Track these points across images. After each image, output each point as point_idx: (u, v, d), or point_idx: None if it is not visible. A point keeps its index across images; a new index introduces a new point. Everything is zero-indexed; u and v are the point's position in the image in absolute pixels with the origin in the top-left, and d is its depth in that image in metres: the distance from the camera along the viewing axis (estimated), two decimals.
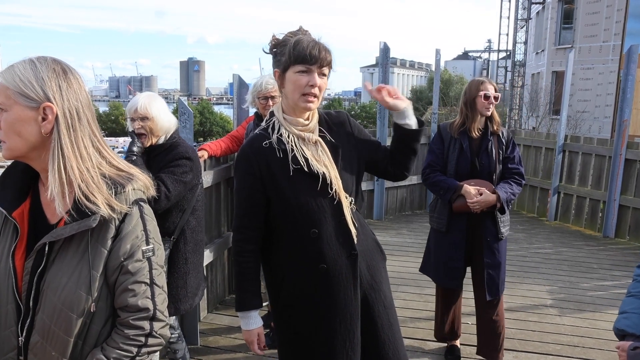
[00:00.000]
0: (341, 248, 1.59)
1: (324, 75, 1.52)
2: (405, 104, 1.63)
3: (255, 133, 1.62)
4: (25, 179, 1.14)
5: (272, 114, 1.62)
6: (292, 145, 1.54)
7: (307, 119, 1.58)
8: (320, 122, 1.62)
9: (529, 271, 4.51)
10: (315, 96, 1.51)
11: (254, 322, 1.64)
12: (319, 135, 1.59)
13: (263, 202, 1.59)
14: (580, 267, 4.67)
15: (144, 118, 2.21)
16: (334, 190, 1.55)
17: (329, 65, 1.52)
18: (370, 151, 1.71)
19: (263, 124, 1.63)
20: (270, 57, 1.63)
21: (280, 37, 1.58)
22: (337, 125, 1.65)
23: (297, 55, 1.48)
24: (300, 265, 1.60)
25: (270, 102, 2.86)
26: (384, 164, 1.72)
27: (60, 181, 1.05)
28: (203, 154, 3.10)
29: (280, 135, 1.56)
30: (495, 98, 2.62)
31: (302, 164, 1.53)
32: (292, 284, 1.62)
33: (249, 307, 1.62)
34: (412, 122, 1.65)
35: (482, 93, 2.59)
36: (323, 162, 1.55)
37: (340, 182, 1.57)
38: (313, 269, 1.58)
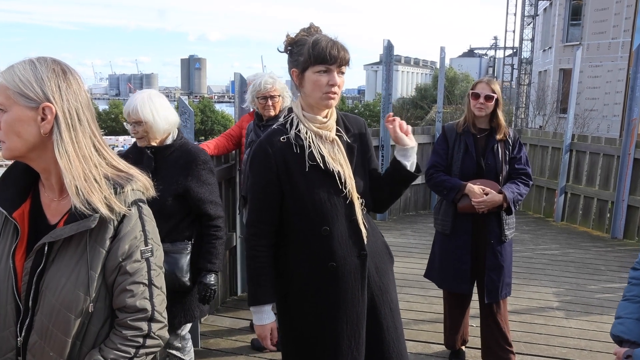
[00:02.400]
0: (351, 247, 1.60)
1: (342, 73, 1.55)
2: (412, 144, 1.63)
3: (272, 128, 1.63)
4: (25, 180, 1.15)
5: (290, 110, 1.64)
6: (309, 142, 1.56)
7: (326, 116, 1.60)
8: (337, 122, 1.64)
9: (535, 273, 4.45)
10: (335, 94, 1.54)
11: (267, 317, 1.63)
12: (336, 135, 1.61)
13: (278, 196, 1.59)
14: (588, 269, 4.61)
15: (137, 122, 2.09)
16: (347, 189, 1.57)
17: (347, 63, 1.55)
18: (369, 166, 1.72)
19: (281, 119, 1.65)
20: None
21: (293, 35, 1.59)
22: (354, 127, 1.68)
23: (316, 55, 1.50)
24: (309, 262, 1.60)
25: (270, 102, 2.83)
26: (371, 187, 1.74)
27: (72, 176, 1.05)
28: None
29: (298, 131, 1.57)
30: (487, 98, 2.53)
31: (319, 160, 1.55)
32: (300, 282, 1.62)
33: (262, 302, 1.62)
34: (409, 163, 1.64)
35: (470, 91, 2.61)
36: (338, 161, 1.57)
37: (354, 181, 1.59)
38: (322, 266, 1.59)
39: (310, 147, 1.55)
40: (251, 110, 3.30)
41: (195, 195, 2.13)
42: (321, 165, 1.55)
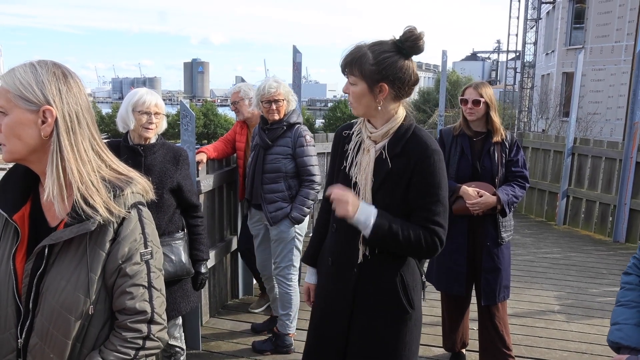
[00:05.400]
0: (347, 259, 1.60)
1: (351, 84, 1.53)
2: (347, 215, 1.47)
3: (350, 121, 1.70)
4: (26, 182, 1.15)
5: None
6: (352, 145, 1.61)
7: (376, 127, 1.56)
8: (393, 138, 1.54)
9: (536, 276, 4.45)
10: (351, 102, 1.55)
11: (308, 277, 1.82)
12: (382, 149, 1.55)
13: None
14: (589, 273, 4.60)
15: (158, 114, 2.25)
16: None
17: (352, 72, 1.51)
18: (410, 197, 1.54)
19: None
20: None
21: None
22: (409, 151, 1.52)
23: None
24: (325, 249, 1.72)
25: (274, 106, 2.82)
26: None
27: (59, 184, 1.06)
28: (202, 158, 3.12)
29: (354, 132, 1.63)
30: (475, 102, 2.56)
31: (346, 165, 1.60)
32: (319, 265, 1.76)
33: (304, 260, 1.85)
34: (364, 232, 1.49)
35: (459, 97, 2.65)
36: (362, 173, 1.55)
37: (369, 198, 1.54)
38: (326, 258, 1.68)
39: (350, 149, 1.60)
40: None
41: (186, 187, 2.32)
42: (347, 170, 1.59)
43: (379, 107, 1.52)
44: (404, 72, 1.49)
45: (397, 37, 1.50)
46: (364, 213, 1.47)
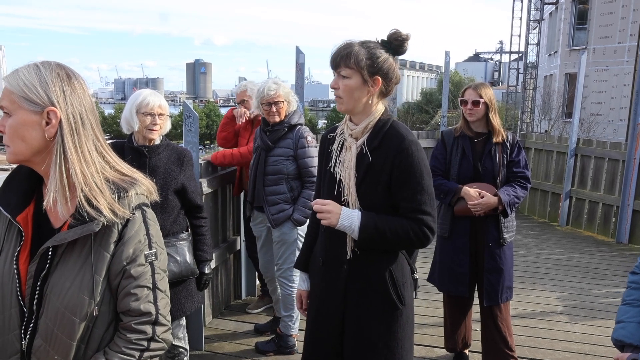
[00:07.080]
0: (335, 256, 1.62)
1: (343, 76, 1.53)
2: (331, 223, 1.52)
3: (335, 125, 1.74)
4: (29, 183, 1.15)
5: None
6: (336, 144, 1.63)
7: (357, 123, 1.59)
8: (372, 133, 1.57)
9: (539, 277, 4.44)
10: (336, 97, 1.57)
11: (301, 283, 1.83)
12: (362, 145, 1.58)
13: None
14: (593, 274, 4.59)
15: (161, 115, 2.26)
16: (344, 198, 1.58)
17: (347, 65, 1.51)
18: (394, 192, 1.55)
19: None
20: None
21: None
22: (385, 144, 1.54)
23: None
24: (315, 250, 1.74)
25: (274, 108, 2.82)
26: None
27: (62, 185, 1.06)
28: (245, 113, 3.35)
29: (337, 133, 1.66)
30: (474, 103, 2.59)
31: (331, 163, 1.62)
32: (310, 269, 1.77)
33: (296, 266, 1.86)
34: (352, 234, 1.53)
35: (459, 98, 2.67)
36: (347, 170, 1.58)
37: (354, 193, 1.56)
38: (317, 259, 1.70)
39: (334, 149, 1.63)
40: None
41: (190, 188, 2.34)
42: (332, 169, 1.62)
43: (369, 102, 1.55)
44: (393, 69, 1.56)
45: (381, 39, 1.56)
46: (347, 218, 1.51)
